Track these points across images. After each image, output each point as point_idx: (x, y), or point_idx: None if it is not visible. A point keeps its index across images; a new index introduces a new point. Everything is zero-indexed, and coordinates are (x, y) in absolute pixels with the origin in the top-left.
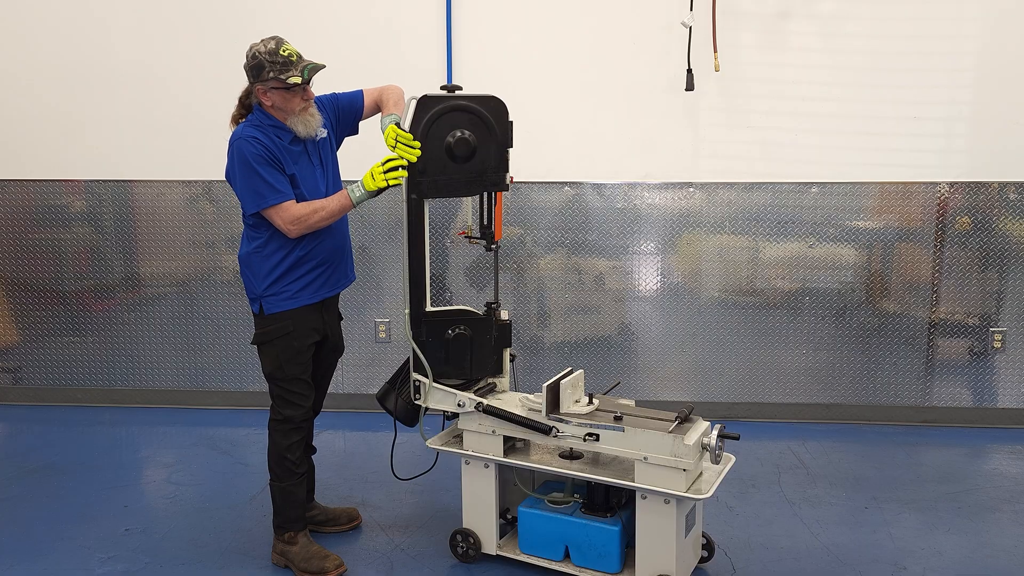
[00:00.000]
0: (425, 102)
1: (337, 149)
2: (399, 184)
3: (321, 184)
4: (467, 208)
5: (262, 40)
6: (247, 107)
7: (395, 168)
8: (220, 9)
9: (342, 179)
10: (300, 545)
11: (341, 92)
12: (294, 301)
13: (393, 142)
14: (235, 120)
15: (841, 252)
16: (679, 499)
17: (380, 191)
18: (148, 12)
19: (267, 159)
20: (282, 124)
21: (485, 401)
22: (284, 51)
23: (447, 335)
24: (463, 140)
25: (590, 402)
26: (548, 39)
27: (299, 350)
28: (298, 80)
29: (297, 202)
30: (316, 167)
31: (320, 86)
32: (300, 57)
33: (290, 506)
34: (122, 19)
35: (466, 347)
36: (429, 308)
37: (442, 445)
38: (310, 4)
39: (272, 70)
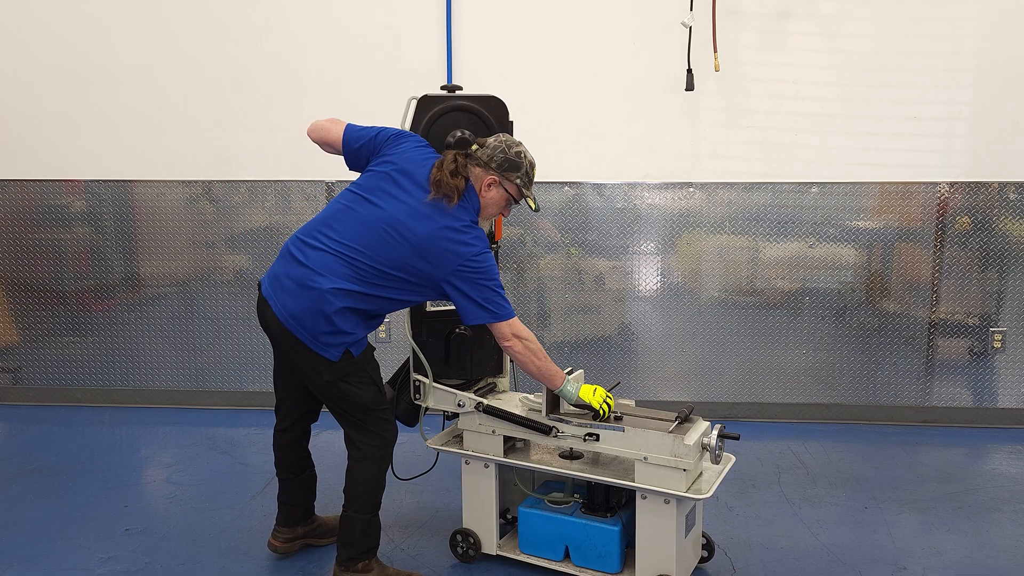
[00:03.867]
0: (426, 102)
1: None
2: (603, 415)
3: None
4: None
5: (523, 145)
6: (461, 175)
7: (601, 415)
8: (220, 9)
9: None
10: (376, 571)
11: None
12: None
13: (601, 401)
14: (457, 183)
15: (841, 252)
16: (679, 499)
17: (578, 405)
18: (148, 12)
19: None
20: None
21: (485, 401)
22: (534, 173)
23: (448, 335)
24: (463, 140)
25: None
26: (548, 39)
27: (378, 367)
28: (532, 205)
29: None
30: None
31: (320, 86)
32: None
33: (372, 536)
34: (122, 20)
35: (466, 347)
36: (429, 308)
37: (442, 445)
38: (310, 4)
39: (523, 179)
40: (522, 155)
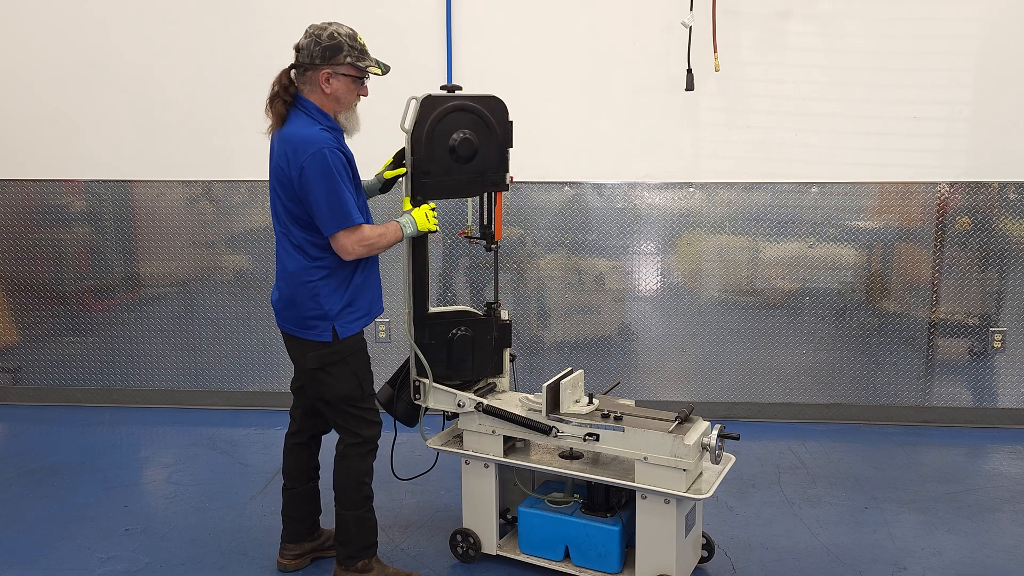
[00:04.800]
0: (429, 102)
1: None
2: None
3: (358, 199)
4: (467, 208)
5: (333, 23)
6: (289, 92)
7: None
8: (220, 9)
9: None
10: (376, 571)
11: None
12: (364, 320)
13: (433, 224)
14: (278, 111)
15: (841, 252)
16: (679, 499)
17: (423, 234)
18: (148, 12)
19: (348, 173)
20: (335, 124)
21: (485, 401)
22: (360, 40)
23: (449, 336)
24: (467, 140)
25: (590, 402)
26: (548, 39)
27: (369, 366)
28: (378, 72)
29: None
30: None
31: None
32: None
33: (367, 533)
34: (122, 19)
35: (468, 349)
36: (432, 310)
37: (442, 445)
38: (310, 4)
39: (350, 55)
40: (334, 34)
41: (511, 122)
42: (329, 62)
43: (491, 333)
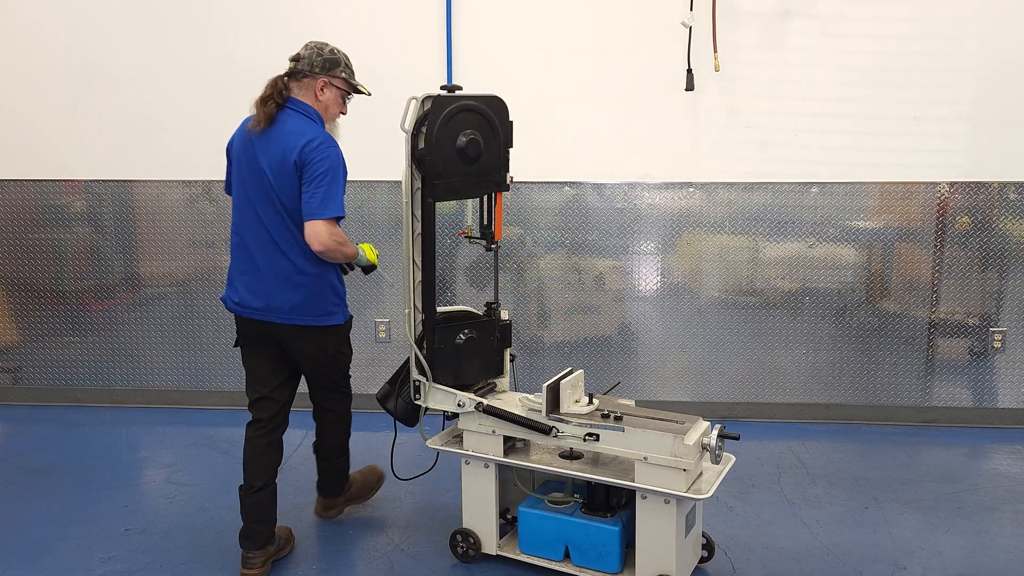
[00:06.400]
0: (440, 102)
1: None
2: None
3: None
4: (467, 208)
5: (330, 43)
6: (283, 96)
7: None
8: (220, 10)
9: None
10: (356, 485)
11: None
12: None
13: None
14: (269, 111)
15: (841, 252)
16: (679, 499)
17: (365, 268)
18: (148, 13)
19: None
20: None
21: (485, 401)
22: (352, 63)
23: (457, 343)
24: (474, 141)
25: (590, 402)
26: (548, 39)
27: None
28: (367, 93)
29: None
30: None
31: None
32: None
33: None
34: (122, 20)
35: (475, 352)
36: (440, 311)
37: (442, 445)
38: (310, 4)
39: (346, 71)
40: (334, 51)
41: (511, 122)
42: (327, 73)
43: (494, 334)
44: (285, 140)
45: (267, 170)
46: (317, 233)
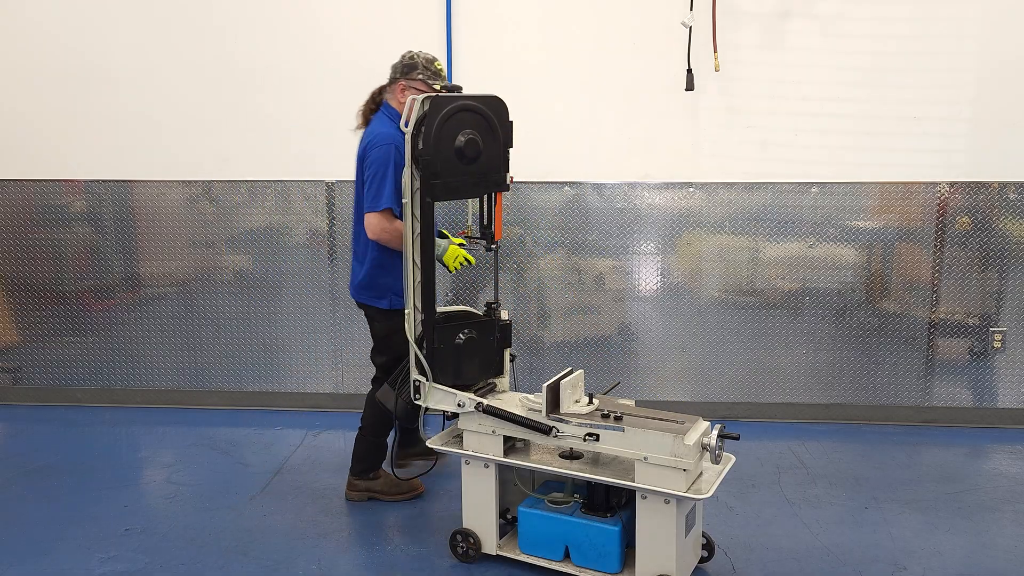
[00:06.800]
0: (438, 102)
1: None
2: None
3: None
4: (467, 208)
5: (420, 50)
6: (377, 103)
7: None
8: (220, 10)
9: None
10: (384, 477)
11: None
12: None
13: (458, 265)
14: (365, 115)
15: (841, 252)
16: (679, 499)
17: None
18: (148, 13)
19: (401, 169)
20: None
21: (485, 401)
22: (437, 65)
23: (457, 343)
24: (473, 141)
25: (590, 402)
26: (548, 39)
27: None
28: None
29: None
30: None
31: (319, 86)
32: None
33: (381, 454)
34: (122, 20)
35: (475, 351)
36: (439, 311)
37: (442, 445)
38: (310, 4)
39: (423, 73)
40: (413, 56)
41: (511, 122)
42: (405, 76)
43: (493, 334)
44: (363, 139)
45: (357, 164)
46: (369, 224)
